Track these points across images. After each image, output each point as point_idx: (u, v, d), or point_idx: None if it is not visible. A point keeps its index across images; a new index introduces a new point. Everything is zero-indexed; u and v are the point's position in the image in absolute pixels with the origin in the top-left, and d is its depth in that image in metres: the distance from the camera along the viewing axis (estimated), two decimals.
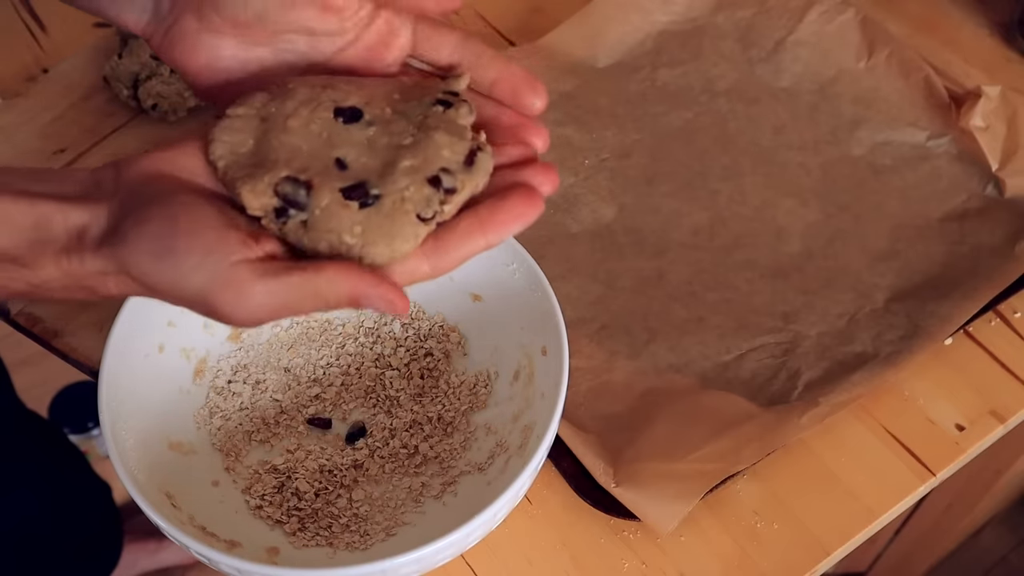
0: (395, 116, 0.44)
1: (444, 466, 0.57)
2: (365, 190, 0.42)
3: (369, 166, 0.43)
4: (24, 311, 0.67)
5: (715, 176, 0.73)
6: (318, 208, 0.42)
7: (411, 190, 0.42)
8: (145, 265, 0.40)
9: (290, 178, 0.42)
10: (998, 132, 0.72)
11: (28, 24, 0.83)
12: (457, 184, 0.42)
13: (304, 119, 0.44)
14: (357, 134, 0.44)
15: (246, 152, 0.43)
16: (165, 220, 0.41)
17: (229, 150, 0.43)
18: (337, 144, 0.43)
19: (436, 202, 0.42)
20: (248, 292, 0.40)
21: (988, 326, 0.67)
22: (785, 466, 0.61)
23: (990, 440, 0.63)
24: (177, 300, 0.41)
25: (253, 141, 0.44)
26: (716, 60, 0.78)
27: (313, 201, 0.42)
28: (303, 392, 0.60)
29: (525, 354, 0.57)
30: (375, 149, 0.43)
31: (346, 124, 0.44)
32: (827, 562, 0.59)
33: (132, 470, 0.50)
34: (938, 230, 0.70)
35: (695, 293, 0.67)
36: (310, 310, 0.41)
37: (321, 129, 0.44)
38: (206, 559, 0.48)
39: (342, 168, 0.43)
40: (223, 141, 0.44)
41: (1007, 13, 0.81)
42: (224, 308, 0.40)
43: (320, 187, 0.42)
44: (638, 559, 0.58)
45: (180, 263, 0.40)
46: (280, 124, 0.44)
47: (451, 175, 0.42)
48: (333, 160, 0.43)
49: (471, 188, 0.43)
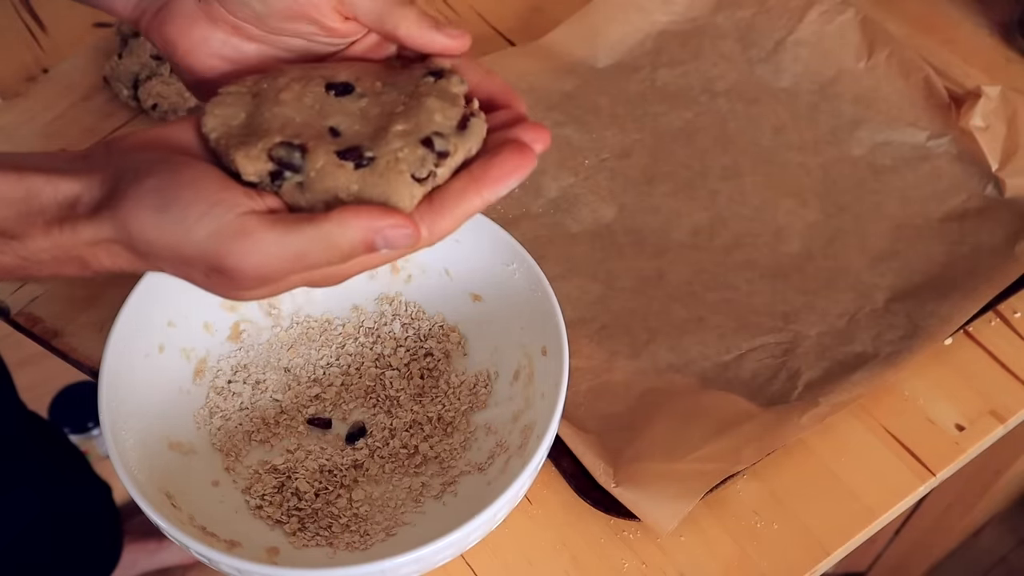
0: (386, 88, 0.45)
1: (444, 466, 0.57)
2: (360, 152, 0.42)
3: (362, 132, 0.43)
4: (24, 311, 0.67)
5: (715, 176, 0.73)
6: (313, 170, 0.42)
7: (405, 151, 0.42)
8: (146, 220, 0.39)
9: (284, 143, 0.42)
10: (998, 132, 0.72)
11: (28, 24, 0.83)
12: (450, 147, 0.42)
13: (296, 92, 0.44)
14: (349, 105, 0.44)
15: (238, 124, 0.44)
16: (166, 175, 0.40)
17: (221, 122, 0.44)
18: (329, 114, 0.44)
19: (430, 163, 0.42)
20: (259, 240, 0.39)
21: (988, 326, 0.67)
22: (785, 466, 0.61)
23: (990, 440, 0.63)
24: (178, 260, 0.40)
25: (245, 115, 0.44)
26: (716, 60, 0.78)
27: (308, 163, 0.42)
28: (303, 392, 0.60)
29: (525, 354, 0.57)
30: (367, 118, 0.44)
31: (338, 97, 0.44)
32: (827, 562, 0.59)
33: (132, 470, 0.50)
34: (938, 230, 0.70)
35: (695, 293, 0.67)
36: (323, 262, 0.40)
37: (313, 102, 0.44)
38: (206, 559, 0.48)
39: (335, 135, 0.43)
40: (215, 115, 0.44)
41: (1007, 13, 0.81)
42: (232, 259, 0.39)
43: (315, 150, 0.42)
44: (638, 559, 0.58)
45: (185, 213, 0.39)
46: (272, 98, 0.44)
47: (444, 138, 0.42)
48: (326, 129, 0.43)
49: (464, 152, 0.43)
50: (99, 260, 0.41)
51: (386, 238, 0.40)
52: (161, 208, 0.39)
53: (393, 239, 0.40)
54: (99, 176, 0.41)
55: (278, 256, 0.39)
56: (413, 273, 0.62)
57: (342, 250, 0.40)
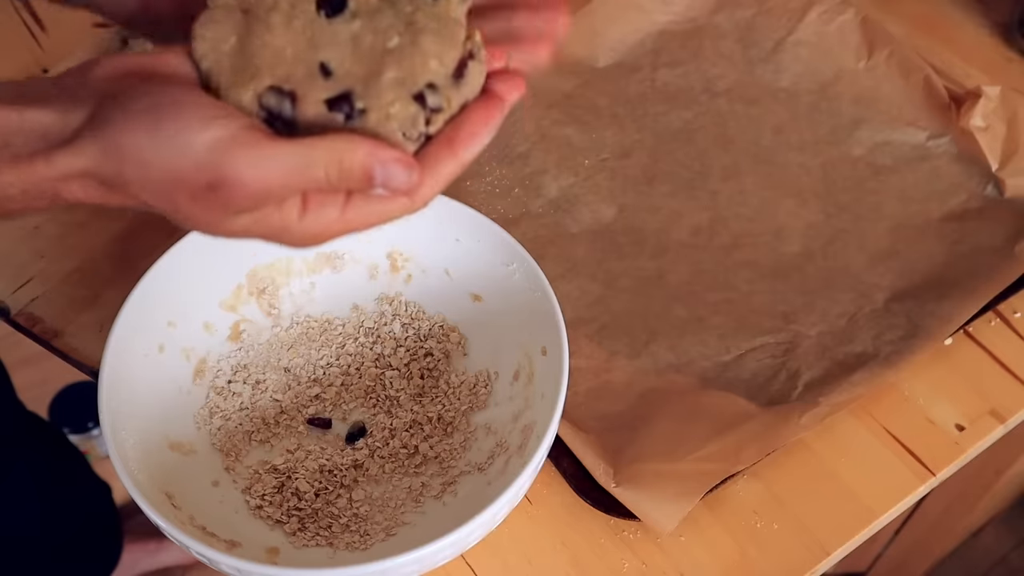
0: (381, 5, 0.43)
1: (444, 466, 0.57)
2: (350, 102, 0.41)
3: (353, 72, 0.42)
4: (24, 311, 0.67)
5: (715, 176, 0.73)
6: (303, 120, 0.41)
7: (396, 107, 0.41)
8: (139, 139, 0.38)
9: (274, 88, 0.41)
10: (998, 132, 0.72)
11: (28, 24, 0.83)
12: (443, 102, 0.41)
13: (286, 14, 0.43)
14: (341, 29, 0.43)
15: (228, 50, 0.42)
16: (156, 97, 0.38)
17: (211, 47, 0.42)
18: (320, 44, 0.42)
19: (421, 121, 0.41)
20: (263, 149, 0.38)
21: (988, 326, 0.67)
22: (785, 466, 0.61)
23: (990, 440, 0.63)
24: (169, 180, 0.38)
25: (236, 38, 0.43)
26: (716, 60, 0.78)
27: (298, 113, 0.41)
28: (303, 392, 0.60)
29: (525, 354, 0.57)
30: (360, 51, 0.42)
31: (329, 19, 0.43)
32: (827, 562, 0.59)
33: (132, 470, 0.50)
34: (938, 230, 0.70)
35: (695, 293, 0.67)
36: (322, 178, 0.39)
37: (304, 26, 0.43)
38: (206, 559, 0.48)
39: (326, 75, 0.42)
40: (205, 38, 0.42)
41: (1007, 13, 0.81)
42: (233, 168, 0.38)
43: (305, 98, 0.41)
44: (638, 559, 0.58)
45: (185, 125, 0.38)
46: (262, 18, 0.43)
47: (437, 92, 0.41)
48: (317, 65, 0.42)
49: (458, 103, 0.42)
50: (72, 192, 0.39)
51: (386, 171, 0.39)
52: (154, 127, 0.38)
53: (392, 175, 0.39)
54: (75, 104, 0.39)
55: (283, 167, 0.38)
56: (413, 273, 0.62)
57: (342, 166, 0.39)
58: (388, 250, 0.62)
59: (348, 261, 0.62)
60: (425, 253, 0.61)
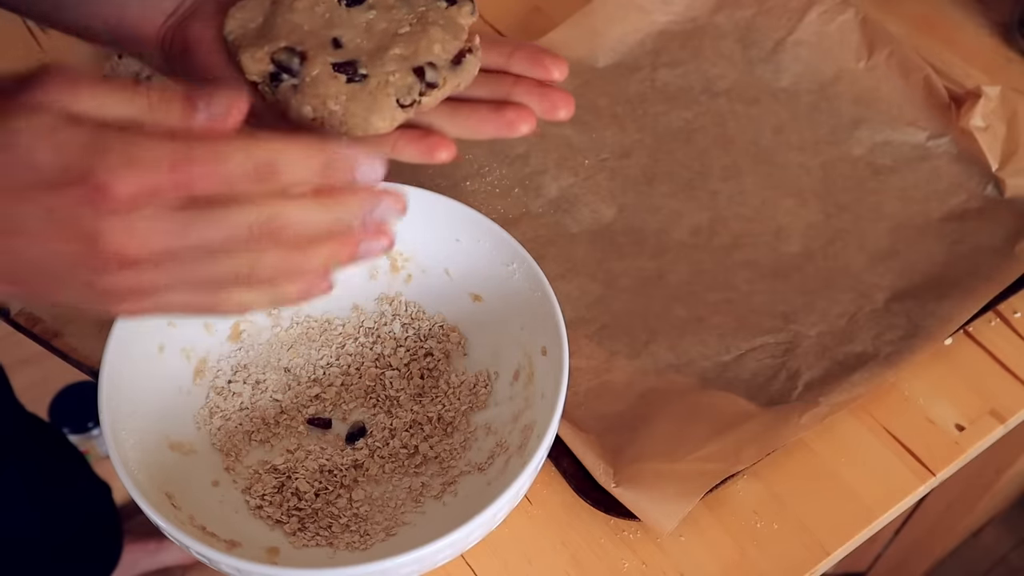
0: (398, 3, 0.48)
1: (444, 466, 0.57)
2: (355, 67, 0.46)
3: (362, 47, 0.47)
4: (24, 311, 0.67)
5: (715, 176, 0.73)
6: (308, 76, 0.46)
7: (396, 76, 0.46)
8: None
9: (287, 48, 0.47)
10: (998, 132, 0.72)
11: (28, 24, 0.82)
12: (439, 80, 0.46)
13: (311, 1, 0.48)
14: (358, 17, 0.48)
15: (255, 27, 0.48)
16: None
17: (239, 25, 0.48)
18: (336, 25, 0.48)
19: (416, 92, 0.46)
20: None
21: (988, 326, 0.67)
22: (785, 466, 0.61)
23: (990, 440, 0.63)
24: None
25: (263, 19, 0.48)
26: (716, 60, 0.78)
27: (305, 69, 0.46)
28: (303, 392, 0.60)
29: (525, 354, 0.57)
30: (371, 33, 0.47)
31: (349, 8, 0.48)
32: (827, 562, 0.59)
33: (132, 470, 0.50)
34: (938, 230, 0.70)
35: (695, 293, 0.67)
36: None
37: (325, 11, 0.48)
38: (206, 559, 0.48)
39: (337, 47, 0.47)
40: (236, 18, 0.48)
41: (1007, 13, 0.81)
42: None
43: (313, 59, 0.46)
44: (638, 559, 0.58)
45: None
46: (288, 4, 0.48)
47: (435, 70, 0.46)
48: (330, 39, 0.47)
49: (452, 86, 0.47)
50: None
51: (344, 156, 0.38)
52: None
53: (348, 160, 0.38)
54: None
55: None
56: (413, 273, 0.62)
57: (308, 149, 0.37)
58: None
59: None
60: (425, 253, 0.61)
